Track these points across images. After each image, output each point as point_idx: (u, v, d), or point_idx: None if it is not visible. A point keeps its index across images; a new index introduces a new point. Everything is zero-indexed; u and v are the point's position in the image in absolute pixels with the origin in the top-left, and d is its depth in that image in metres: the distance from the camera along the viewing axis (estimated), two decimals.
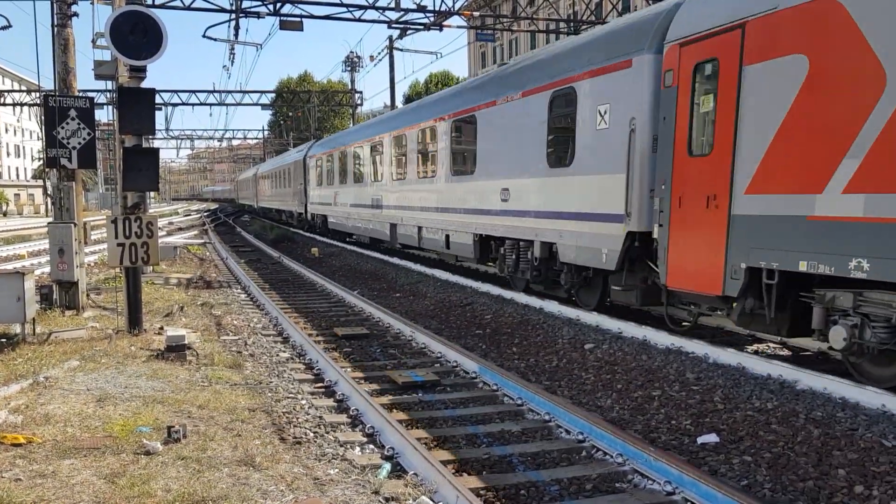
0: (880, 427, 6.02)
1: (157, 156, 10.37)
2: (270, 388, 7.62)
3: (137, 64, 9.82)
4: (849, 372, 7.61)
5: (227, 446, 5.71)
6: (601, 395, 7.76)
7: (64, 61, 12.14)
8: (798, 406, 6.66)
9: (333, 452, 5.75)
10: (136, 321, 10.24)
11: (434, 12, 23.42)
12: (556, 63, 12.12)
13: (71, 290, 11.90)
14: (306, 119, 64.60)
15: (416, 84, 72.96)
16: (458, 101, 16.45)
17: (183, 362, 8.55)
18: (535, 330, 10.77)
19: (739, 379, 7.55)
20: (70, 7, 12.27)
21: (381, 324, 11.80)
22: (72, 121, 11.43)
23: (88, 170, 14.58)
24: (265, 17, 21.50)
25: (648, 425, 6.73)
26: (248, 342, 10.12)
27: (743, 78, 8.03)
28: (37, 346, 9.33)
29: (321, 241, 29.43)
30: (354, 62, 48.53)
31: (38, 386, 7.37)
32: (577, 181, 11.32)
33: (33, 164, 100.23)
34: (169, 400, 6.95)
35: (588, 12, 26.45)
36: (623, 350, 9.12)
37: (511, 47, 60.93)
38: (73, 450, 5.57)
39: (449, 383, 8.13)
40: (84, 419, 6.32)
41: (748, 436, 6.23)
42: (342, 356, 9.57)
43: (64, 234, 11.60)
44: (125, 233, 9.92)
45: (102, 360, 8.52)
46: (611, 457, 5.68)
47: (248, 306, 13.68)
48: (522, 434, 6.42)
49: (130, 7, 9.79)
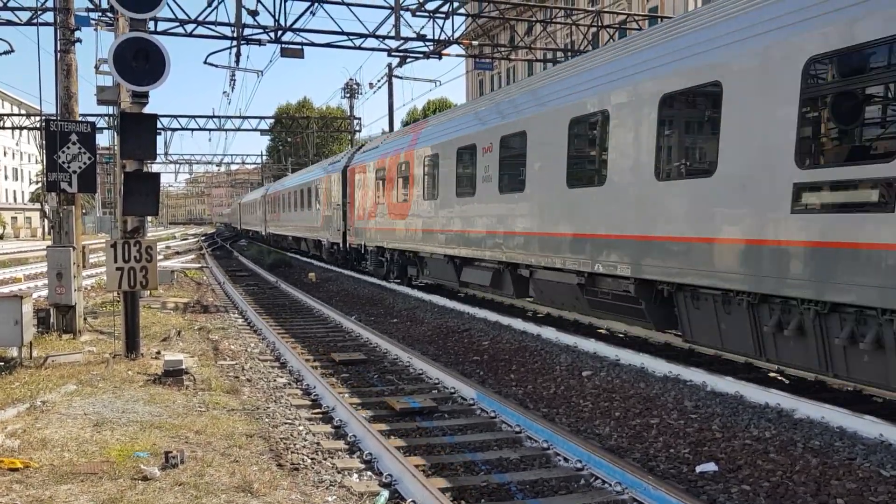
0: (878, 456, 6.02)
1: (157, 181, 10.44)
2: (268, 414, 7.60)
3: (140, 90, 9.90)
4: (847, 401, 7.63)
5: (224, 472, 5.69)
6: (599, 422, 7.75)
7: (66, 86, 12.25)
8: (796, 435, 6.66)
9: (331, 479, 5.74)
10: (134, 345, 10.22)
11: (433, 41, 23.66)
12: None
13: (68, 313, 11.89)
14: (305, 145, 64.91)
15: (413, 111, 73.46)
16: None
17: (180, 387, 8.53)
18: (533, 356, 10.77)
19: (737, 407, 7.55)
20: (73, 33, 12.41)
21: (378, 349, 11.78)
22: (73, 145, 11.50)
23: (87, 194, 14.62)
24: (266, 44, 21.71)
25: (647, 453, 6.72)
26: (245, 367, 10.10)
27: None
28: (34, 370, 9.31)
29: (317, 266, 29.44)
30: (354, 89, 48.97)
31: (35, 410, 7.35)
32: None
33: (31, 188, 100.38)
34: (166, 425, 6.92)
35: (585, 42, 26.74)
36: (621, 377, 9.12)
37: (509, 76, 61.46)
38: (70, 475, 5.54)
39: (447, 410, 8.12)
40: (81, 444, 6.30)
41: (746, 465, 6.22)
42: (340, 382, 9.55)
43: (62, 257, 11.61)
44: (124, 257, 9.93)
45: (100, 385, 8.50)
46: (609, 485, 5.66)
47: (246, 331, 13.66)
48: (521, 461, 6.40)
49: (133, 34, 9.89)
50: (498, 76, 64.03)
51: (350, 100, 50.39)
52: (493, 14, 27.53)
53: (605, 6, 43.13)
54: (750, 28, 8.03)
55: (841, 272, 6.91)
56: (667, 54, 9.44)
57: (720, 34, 8.54)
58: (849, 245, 6.84)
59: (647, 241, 9.69)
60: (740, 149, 8.11)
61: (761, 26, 7.87)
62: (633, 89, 9.98)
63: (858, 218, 6.78)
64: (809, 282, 7.26)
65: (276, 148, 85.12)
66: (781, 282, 7.57)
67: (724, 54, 8.34)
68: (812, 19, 7.22)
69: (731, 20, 8.40)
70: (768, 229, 7.70)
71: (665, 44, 9.65)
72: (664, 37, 9.84)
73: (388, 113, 40.77)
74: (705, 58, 8.67)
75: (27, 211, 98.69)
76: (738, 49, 8.15)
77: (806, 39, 7.25)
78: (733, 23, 8.35)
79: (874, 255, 6.59)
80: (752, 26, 7.99)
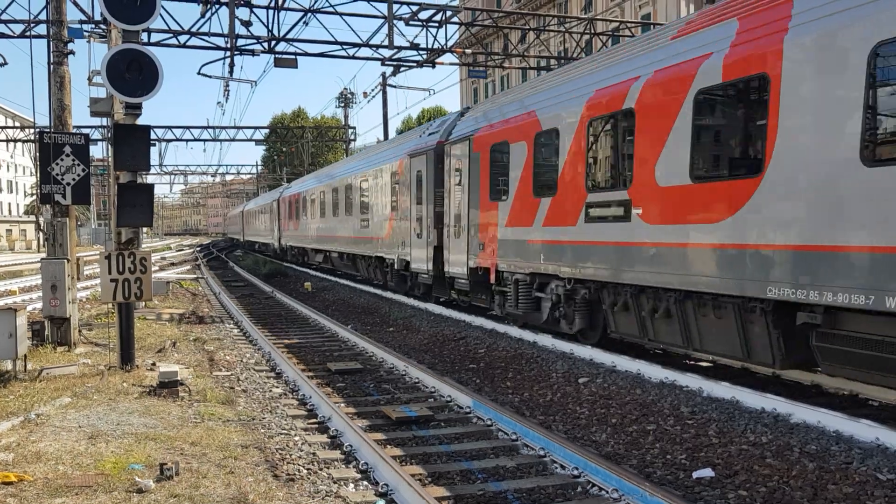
0: (875, 460, 6.02)
1: (151, 192, 10.42)
2: (263, 425, 7.58)
3: (133, 101, 9.90)
4: (843, 405, 7.62)
5: (220, 483, 5.66)
6: (596, 429, 7.74)
7: (59, 98, 12.24)
8: (792, 440, 6.66)
9: (327, 489, 5.71)
10: (129, 357, 10.19)
11: (427, 50, 23.72)
12: None
13: (63, 326, 11.85)
14: (300, 154, 64.98)
15: (408, 119, 73.55)
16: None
17: (175, 398, 8.49)
18: (530, 364, 10.76)
19: (734, 412, 7.55)
20: (66, 45, 12.42)
21: (374, 358, 11.76)
22: (66, 157, 11.48)
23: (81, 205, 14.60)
24: (260, 54, 21.74)
25: (644, 460, 6.71)
26: (240, 378, 10.07)
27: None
28: (28, 382, 9.27)
29: (313, 275, 29.33)
30: (348, 98, 49.09)
31: (30, 423, 7.31)
32: None
33: (26, 200, 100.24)
34: (161, 437, 6.90)
35: (578, 49, 26.83)
36: (617, 384, 9.12)
37: (503, 83, 61.63)
38: (65, 488, 5.51)
39: (443, 418, 8.10)
40: (76, 457, 6.26)
41: (743, 470, 6.22)
42: (335, 391, 9.52)
43: (57, 270, 11.58)
44: (119, 268, 9.91)
45: (94, 397, 8.46)
46: (606, 492, 5.65)
47: (241, 341, 13.63)
48: (517, 469, 6.39)
49: (126, 45, 9.89)
50: (492, 83, 64.22)
51: (345, 109, 50.52)
52: (486, 22, 27.62)
53: (597, 13, 43.32)
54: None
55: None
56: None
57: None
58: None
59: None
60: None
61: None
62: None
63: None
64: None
65: (271, 158, 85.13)
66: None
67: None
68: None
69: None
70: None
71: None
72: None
73: (383, 121, 40.89)
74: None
75: (22, 223, 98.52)
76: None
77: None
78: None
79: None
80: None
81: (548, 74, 14.48)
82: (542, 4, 54.91)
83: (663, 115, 9.23)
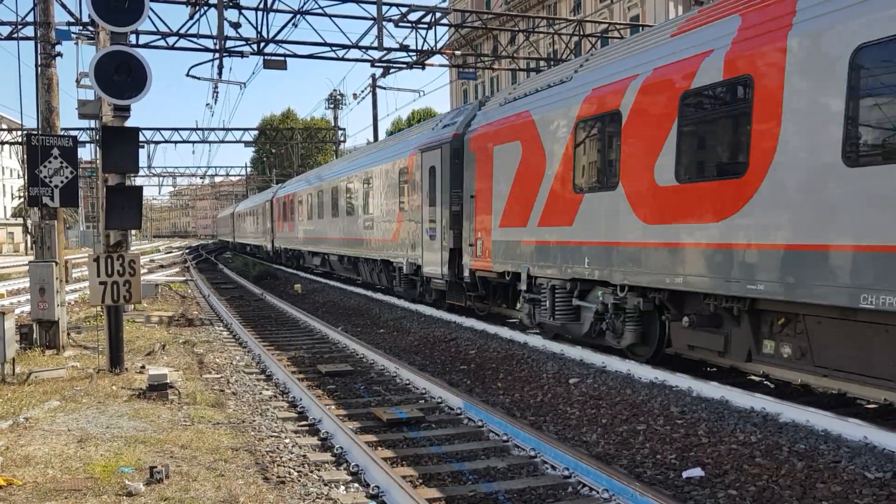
0: (863, 459, 6.06)
1: (140, 194, 10.38)
2: (253, 427, 7.56)
3: (121, 103, 9.86)
4: (831, 404, 7.68)
5: (210, 486, 5.64)
6: (586, 429, 7.76)
7: (47, 100, 12.18)
8: (781, 439, 6.70)
9: (318, 492, 5.71)
10: (118, 360, 10.14)
11: (416, 51, 23.72)
12: None
13: (51, 329, 11.79)
14: (289, 156, 64.83)
15: (398, 121, 73.53)
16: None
17: (165, 401, 8.46)
18: (520, 365, 10.77)
19: (723, 412, 7.59)
20: (54, 47, 12.36)
21: (365, 360, 11.75)
22: (54, 159, 11.43)
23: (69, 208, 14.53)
24: (249, 56, 21.69)
25: (634, 460, 6.73)
26: (230, 380, 10.04)
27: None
28: (16, 386, 9.21)
29: (303, 276, 29.27)
30: (337, 100, 49.02)
31: (18, 427, 7.27)
32: None
33: (13, 203, 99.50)
34: (151, 440, 6.87)
35: (567, 51, 26.89)
36: (607, 384, 9.14)
37: (493, 85, 61.71)
38: (54, 492, 5.48)
39: (434, 420, 8.10)
40: (65, 460, 6.23)
41: (733, 469, 6.25)
42: (326, 393, 9.51)
43: (45, 273, 11.52)
44: (107, 271, 9.86)
45: (83, 400, 8.42)
46: (597, 492, 5.67)
47: (231, 344, 13.59)
48: (508, 470, 6.40)
49: (115, 47, 9.85)
50: (482, 85, 64.29)
51: (334, 110, 50.47)
52: (475, 24, 27.65)
53: (587, 15, 43.45)
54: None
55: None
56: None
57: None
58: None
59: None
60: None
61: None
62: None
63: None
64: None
65: (261, 159, 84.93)
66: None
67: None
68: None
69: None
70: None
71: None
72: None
73: (373, 123, 40.84)
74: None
75: (10, 226, 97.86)
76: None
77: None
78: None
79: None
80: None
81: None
82: (531, 6, 55.06)
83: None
